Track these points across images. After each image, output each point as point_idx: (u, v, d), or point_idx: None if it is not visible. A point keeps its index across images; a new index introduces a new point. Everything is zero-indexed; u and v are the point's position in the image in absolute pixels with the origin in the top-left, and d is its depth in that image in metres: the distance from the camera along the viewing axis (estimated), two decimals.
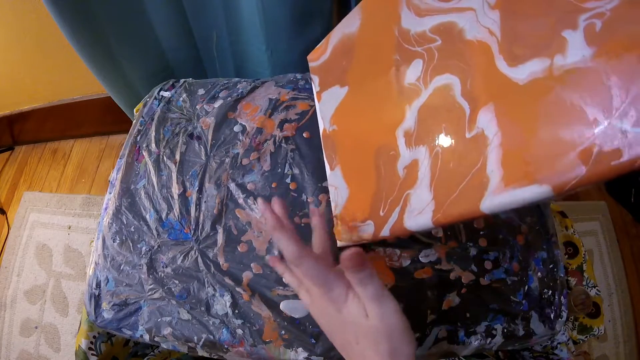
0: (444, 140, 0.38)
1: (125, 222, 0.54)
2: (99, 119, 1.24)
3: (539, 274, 0.51)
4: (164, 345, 0.50)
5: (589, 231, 1.13)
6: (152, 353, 0.61)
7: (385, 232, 0.42)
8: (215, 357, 0.50)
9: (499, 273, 0.50)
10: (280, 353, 0.47)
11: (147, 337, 0.49)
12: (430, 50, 0.42)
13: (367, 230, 0.44)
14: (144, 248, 0.52)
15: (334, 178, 0.52)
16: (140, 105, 0.66)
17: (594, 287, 0.64)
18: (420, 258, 0.50)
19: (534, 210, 0.55)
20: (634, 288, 1.07)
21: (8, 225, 1.18)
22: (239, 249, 0.52)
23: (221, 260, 0.51)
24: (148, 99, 0.66)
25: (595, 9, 0.30)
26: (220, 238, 0.53)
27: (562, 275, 0.52)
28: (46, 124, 1.26)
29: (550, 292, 0.50)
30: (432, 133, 0.39)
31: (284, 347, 0.47)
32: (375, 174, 0.45)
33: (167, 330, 0.48)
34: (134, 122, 0.64)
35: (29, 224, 1.17)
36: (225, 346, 0.48)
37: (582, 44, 0.30)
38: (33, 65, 1.06)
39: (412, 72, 0.43)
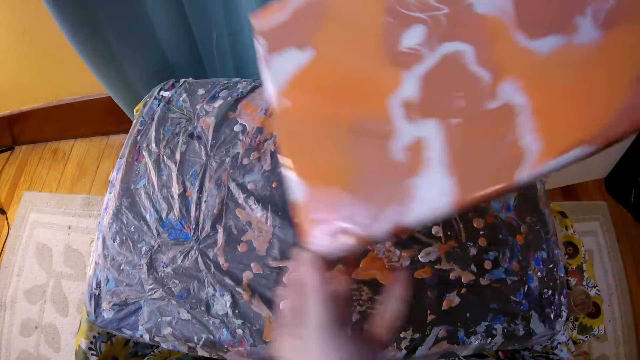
0: (461, 112, 0.33)
1: (125, 222, 0.54)
2: (99, 119, 1.24)
3: (539, 274, 0.51)
4: (164, 345, 0.50)
5: (589, 231, 1.13)
6: (152, 353, 0.61)
7: (378, 234, 0.33)
8: (215, 357, 0.50)
9: (499, 273, 0.50)
10: None
11: (147, 337, 0.49)
12: (436, 17, 0.37)
13: (350, 232, 0.34)
14: (144, 248, 0.52)
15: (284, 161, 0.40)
16: (140, 105, 0.66)
17: (594, 287, 0.64)
18: (420, 258, 0.50)
19: (534, 210, 0.55)
20: (634, 288, 1.07)
21: (8, 225, 1.18)
22: (239, 249, 0.52)
23: (221, 260, 0.51)
24: (148, 99, 0.66)
25: None
26: (220, 238, 0.53)
27: (562, 275, 0.52)
28: (46, 124, 1.26)
29: (550, 292, 0.50)
30: (444, 104, 0.34)
31: None
32: (351, 159, 0.35)
33: (167, 330, 0.48)
34: (134, 122, 0.64)
35: (29, 224, 1.17)
36: (225, 346, 0.48)
37: (590, 29, 0.32)
38: (33, 65, 1.06)
39: (412, 37, 0.37)
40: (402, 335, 0.47)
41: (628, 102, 0.30)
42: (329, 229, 0.35)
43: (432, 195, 0.32)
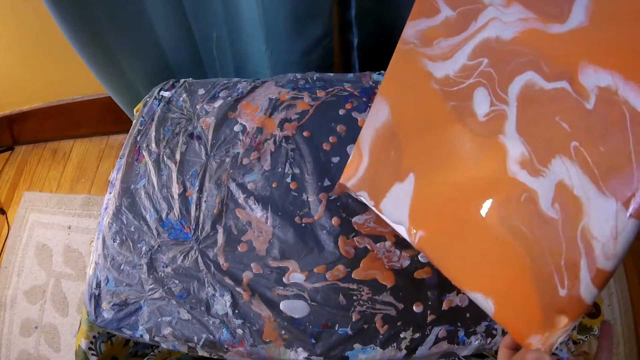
0: (573, 135, 0.30)
1: (125, 222, 0.54)
2: (99, 119, 1.24)
3: None
4: (164, 345, 0.50)
5: None
6: (152, 353, 0.61)
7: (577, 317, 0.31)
8: (215, 357, 0.50)
9: None
10: (280, 353, 0.47)
11: (147, 337, 0.49)
12: (484, 72, 0.37)
13: (565, 329, 0.32)
14: (144, 248, 0.52)
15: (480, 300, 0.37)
16: (140, 105, 0.66)
17: None
18: (420, 258, 0.50)
19: None
20: (634, 288, 1.07)
21: (8, 225, 1.18)
22: (239, 249, 0.52)
23: (221, 260, 0.51)
24: (148, 99, 0.66)
25: None
26: (220, 238, 0.53)
27: None
28: (46, 124, 1.26)
29: None
30: (552, 136, 0.31)
31: (284, 347, 0.47)
32: (518, 248, 0.32)
33: (167, 330, 0.48)
34: (134, 122, 0.64)
35: (29, 224, 1.17)
36: (225, 346, 0.48)
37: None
38: (33, 65, 1.06)
39: (481, 103, 0.37)
40: (402, 336, 0.47)
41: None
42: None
43: (605, 225, 0.28)
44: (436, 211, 0.39)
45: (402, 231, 0.42)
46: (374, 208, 0.45)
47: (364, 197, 0.46)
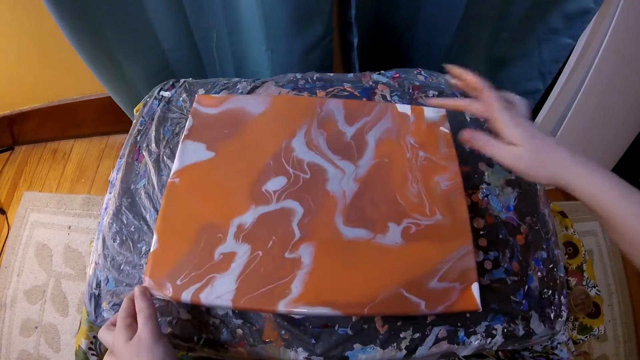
0: (268, 250, 0.46)
1: (125, 222, 0.54)
2: (99, 119, 1.24)
3: (539, 274, 0.51)
4: None
5: (589, 231, 1.13)
6: None
7: (185, 299, 0.44)
8: (215, 357, 0.50)
9: (499, 273, 0.50)
10: (280, 353, 0.47)
11: None
12: (298, 177, 0.51)
13: (168, 289, 0.44)
14: (144, 248, 0.52)
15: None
16: (140, 105, 0.66)
17: (594, 287, 0.64)
18: None
19: (534, 210, 0.55)
20: (634, 288, 1.07)
21: (8, 225, 1.18)
22: None
23: None
24: (148, 99, 0.66)
25: (416, 220, 0.48)
26: None
27: (562, 275, 0.52)
28: (46, 124, 1.26)
29: (550, 292, 0.50)
30: (261, 239, 0.47)
31: (284, 347, 0.47)
32: (190, 244, 0.46)
33: (167, 330, 0.48)
34: (134, 122, 0.64)
35: (29, 224, 1.17)
36: (225, 346, 0.48)
37: (398, 236, 0.47)
38: (33, 65, 1.06)
39: (274, 183, 0.50)
40: (402, 335, 0.47)
41: (384, 295, 0.43)
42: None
43: (220, 289, 0.44)
44: (197, 184, 0.52)
45: (173, 167, 0.53)
46: (183, 136, 0.56)
47: (189, 122, 0.57)
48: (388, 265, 0.45)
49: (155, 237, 0.47)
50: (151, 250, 0.46)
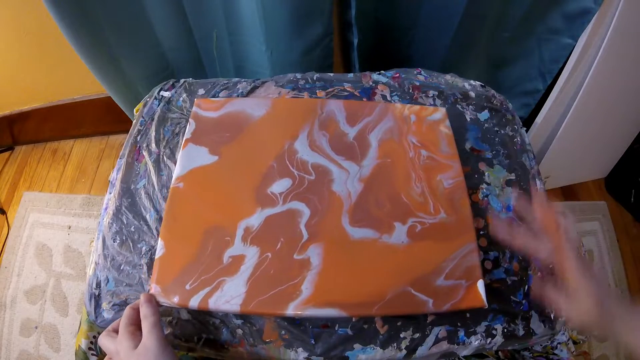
0: (277, 252, 0.46)
1: (125, 222, 0.54)
2: (99, 119, 1.24)
3: (539, 273, 0.51)
4: None
5: (589, 231, 1.13)
6: None
7: (193, 305, 0.44)
8: (215, 357, 0.50)
9: (499, 273, 0.50)
10: (280, 353, 0.47)
11: None
12: (303, 178, 0.51)
13: (175, 296, 0.44)
14: (144, 248, 0.52)
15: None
16: (140, 105, 0.66)
17: None
18: None
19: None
20: (634, 288, 1.07)
21: (8, 225, 1.18)
22: None
23: None
24: (148, 99, 0.66)
25: (421, 218, 0.48)
26: None
27: None
28: (46, 124, 1.26)
29: None
30: (269, 241, 0.46)
31: (284, 347, 0.47)
32: (198, 248, 0.46)
33: (167, 330, 0.48)
34: (134, 122, 0.64)
35: (29, 224, 1.17)
36: (225, 346, 0.48)
37: (404, 235, 0.47)
38: (33, 65, 1.06)
39: (279, 185, 0.50)
40: (402, 335, 0.47)
41: (393, 294, 0.44)
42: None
43: (230, 292, 0.44)
44: (201, 188, 0.52)
45: (175, 172, 0.53)
46: (184, 140, 0.56)
47: (190, 126, 0.57)
48: (395, 264, 0.46)
49: (160, 242, 0.47)
50: (157, 256, 0.46)
